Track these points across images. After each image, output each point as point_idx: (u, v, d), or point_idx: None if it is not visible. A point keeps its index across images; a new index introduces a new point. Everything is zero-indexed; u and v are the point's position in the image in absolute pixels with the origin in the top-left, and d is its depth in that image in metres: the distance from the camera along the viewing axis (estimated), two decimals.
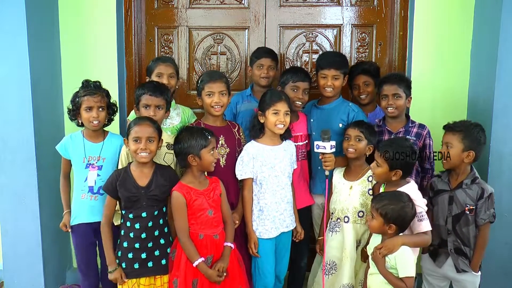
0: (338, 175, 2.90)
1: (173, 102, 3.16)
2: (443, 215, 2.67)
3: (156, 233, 2.61)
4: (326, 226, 2.89)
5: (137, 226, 2.58)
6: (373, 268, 2.47)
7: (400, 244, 2.37)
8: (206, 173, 2.72)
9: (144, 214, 2.57)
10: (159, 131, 2.63)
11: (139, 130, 2.55)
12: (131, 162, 2.68)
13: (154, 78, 3.05)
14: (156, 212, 2.60)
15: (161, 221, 2.63)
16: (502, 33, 2.92)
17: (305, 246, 3.08)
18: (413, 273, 2.35)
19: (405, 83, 2.91)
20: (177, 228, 2.60)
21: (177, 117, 3.09)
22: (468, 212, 2.61)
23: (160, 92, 2.78)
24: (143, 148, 2.54)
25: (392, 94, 2.86)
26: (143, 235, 2.58)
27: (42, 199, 3.25)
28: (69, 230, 2.86)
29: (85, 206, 2.79)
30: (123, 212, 2.62)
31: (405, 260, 2.36)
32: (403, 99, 2.87)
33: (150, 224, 2.58)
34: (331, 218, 2.89)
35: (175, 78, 3.11)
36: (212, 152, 2.62)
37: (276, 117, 2.73)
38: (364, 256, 2.73)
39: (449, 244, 2.67)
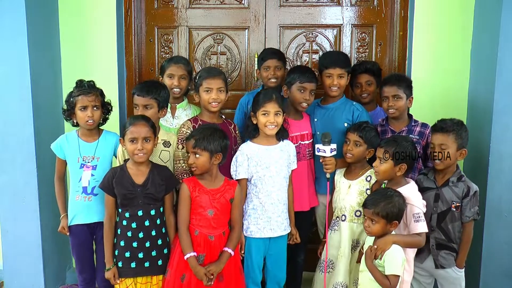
0: (339, 175, 2.90)
1: (184, 102, 3.17)
2: (427, 212, 2.66)
3: (153, 233, 2.61)
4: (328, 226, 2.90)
5: (133, 225, 2.58)
6: (363, 265, 2.49)
7: (391, 242, 2.39)
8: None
9: (140, 213, 2.58)
10: (155, 129, 2.64)
11: (135, 130, 2.56)
12: (127, 160, 2.68)
13: (165, 78, 3.08)
14: (153, 212, 2.61)
15: (158, 221, 2.63)
16: (502, 33, 2.92)
17: (301, 243, 3.04)
18: (399, 272, 2.37)
19: (405, 84, 2.91)
20: (178, 218, 2.63)
21: (186, 118, 3.05)
22: (454, 209, 2.63)
23: (147, 92, 2.77)
24: (140, 148, 2.55)
25: (392, 96, 2.87)
26: (141, 235, 2.58)
27: (42, 199, 3.25)
28: (68, 234, 2.86)
29: (81, 207, 2.80)
30: (120, 210, 2.63)
31: (393, 258, 2.37)
32: (403, 100, 2.87)
33: (147, 223, 2.59)
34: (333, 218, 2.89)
35: (186, 79, 3.11)
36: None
37: (266, 118, 2.72)
38: (360, 257, 2.72)
39: (431, 241, 2.67)
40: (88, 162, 2.79)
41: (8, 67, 3.15)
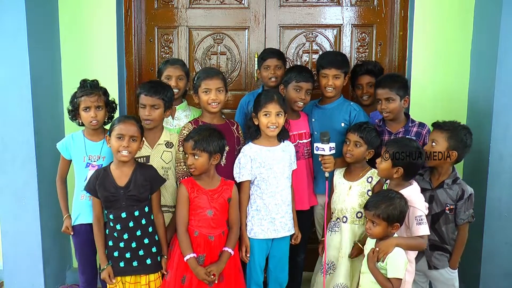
0: (338, 175, 2.90)
1: (183, 104, 3.17)
2: None
3: (139, 233, 2.60)
4: (327, 227, 2.89)
5: (118, 226, 2.58)
6: (365, 267, 2.48)
7: (394, 245, 2.38)
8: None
9: (123, 215, 2.57)
10: (142, 131, 2.64)
11: (123, 127, 2.56)
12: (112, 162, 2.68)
13: (163, 80, 3.07)
14: (137, 213, 2.60)
15: (143, 221, 2.62)
16: (502, 33, 2.92)
17: (302, 242, 3.03)
18: (401, 275, 2.36)
19: (398, 84, 2.86)
20: (177, 219, 2.63)
21: (185, 119, 3.06)
22: (448, 212, 2.62)
23: (155, 92, 2.77)
24: (126, 146, 2.54)
25: (384, 98, 2.84)
26: (125, 236, 2.58)
27: (42, 199, 3.25)
28: (72, 233, 2.86)
29: (85, 207, 2.79)
30: (105, 212, 2.63)
31: (395, 261, 2.36)
32: (396, 102, 2.84)
33: (131, 224, 2.58)
34: (331, 218, 2.89)
35: (184, 80, 3.11)
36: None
37: (267, 119, 2.72)
38: (357, 250, 2.73)
39: None
40: (94, 161, 2.79)
41: (8, 67, 3.15)
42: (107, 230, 2.63)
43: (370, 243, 2.51)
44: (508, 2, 2.90)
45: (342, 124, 2.96)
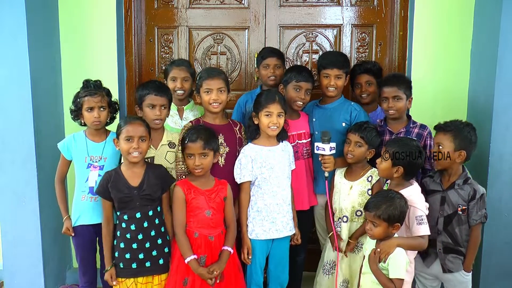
0: (339, 175, 2.90)
1: (191, 104, 3.20)
2: (434, 215, 2.65)
3: (153, 233, 2.61)
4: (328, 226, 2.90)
5: (132, 227, 2.58)
6: (366, 268, 2.48)
7: (395, 245, 2.38)
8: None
9: (138, 215, 2.58)
10: (149, 130, 2.65)
11: (131, 129, 2.56)
12: (121, 163, 2.68)
13: (169, 81, 3.12)
14: (151, 212, 2.60)
15: (156, 221, 2.62)
16: (502, 33, 2.92)
17: (302, 242, 3.01)
18: (403, 276, 2.36)
19: (406, 84, 2.89)
20: (174, 222, 2.62)
21: (193, 118, 3.07)
22: (460, 213, 2.60)
23: (164, 92, 2.81)
24: (136, 147, 2.55)
25: (392, 97, 2.85)
26: (140, 236, 2.58)
27: (42, 199, 3.25)
28: (73, 234, 2.85)
29: (86, 208, 2.79)
30: (118, 213, 2.62)
31: (397, 261, 2.35)
32: (403, 101, 2.86)
33: (145, 224, 2.59)
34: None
35: (189, 81, 3.15)
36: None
37: (269, 119, 2.72)
38: (350, 248, 2.78)
39: (438, 244, 2.65)
40: (96, 162, 2.79)
41: (8, 67, 3.14)
42: (118, 232, 2.62)
43: (370, 244, 2.51)
44: (508, 2, 2.90)
45: (343, 124, 2.96)
